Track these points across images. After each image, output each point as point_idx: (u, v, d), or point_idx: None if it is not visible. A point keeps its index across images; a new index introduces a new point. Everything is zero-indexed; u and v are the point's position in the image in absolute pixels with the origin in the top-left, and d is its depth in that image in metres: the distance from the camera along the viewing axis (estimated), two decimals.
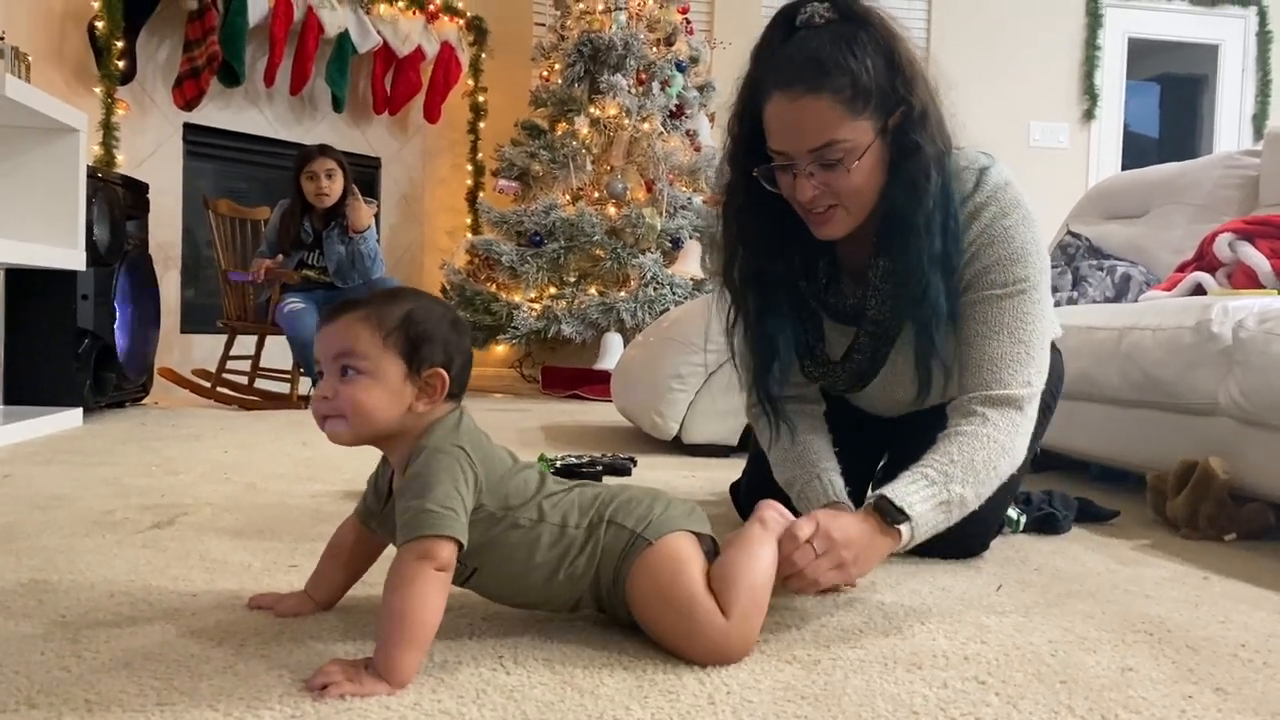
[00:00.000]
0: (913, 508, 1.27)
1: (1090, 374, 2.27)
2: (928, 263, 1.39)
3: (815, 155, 1.34)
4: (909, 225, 1.38)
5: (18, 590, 1.30)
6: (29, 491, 2.04)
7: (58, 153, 3.23)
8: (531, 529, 1.10)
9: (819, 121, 1.32)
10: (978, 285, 1.44)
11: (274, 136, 5.23)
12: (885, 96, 1.34)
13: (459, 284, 5.28)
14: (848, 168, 1.35)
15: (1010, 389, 1.39)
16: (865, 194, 1.39)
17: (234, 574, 1.42)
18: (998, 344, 1.41)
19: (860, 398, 1.69)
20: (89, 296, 3.46)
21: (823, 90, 1.31)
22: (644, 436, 3.17)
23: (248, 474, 2.35)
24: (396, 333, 1.07)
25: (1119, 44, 6.82)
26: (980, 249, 1.43)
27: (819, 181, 1.36)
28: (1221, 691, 1.04)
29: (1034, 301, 1.43)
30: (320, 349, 1.09)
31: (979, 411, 1.38)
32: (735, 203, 1.50)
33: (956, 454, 1.33)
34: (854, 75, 1.31)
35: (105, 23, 4.29)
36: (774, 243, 1.50)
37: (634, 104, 5.30)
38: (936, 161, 1.38)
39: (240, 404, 4.17)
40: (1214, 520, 1.85)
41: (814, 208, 1.40)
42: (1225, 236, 2.54)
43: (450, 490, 1.03)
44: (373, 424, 1.07)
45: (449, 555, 1.01)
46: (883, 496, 1.28)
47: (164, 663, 1.03)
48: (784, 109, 1.34)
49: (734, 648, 1.08)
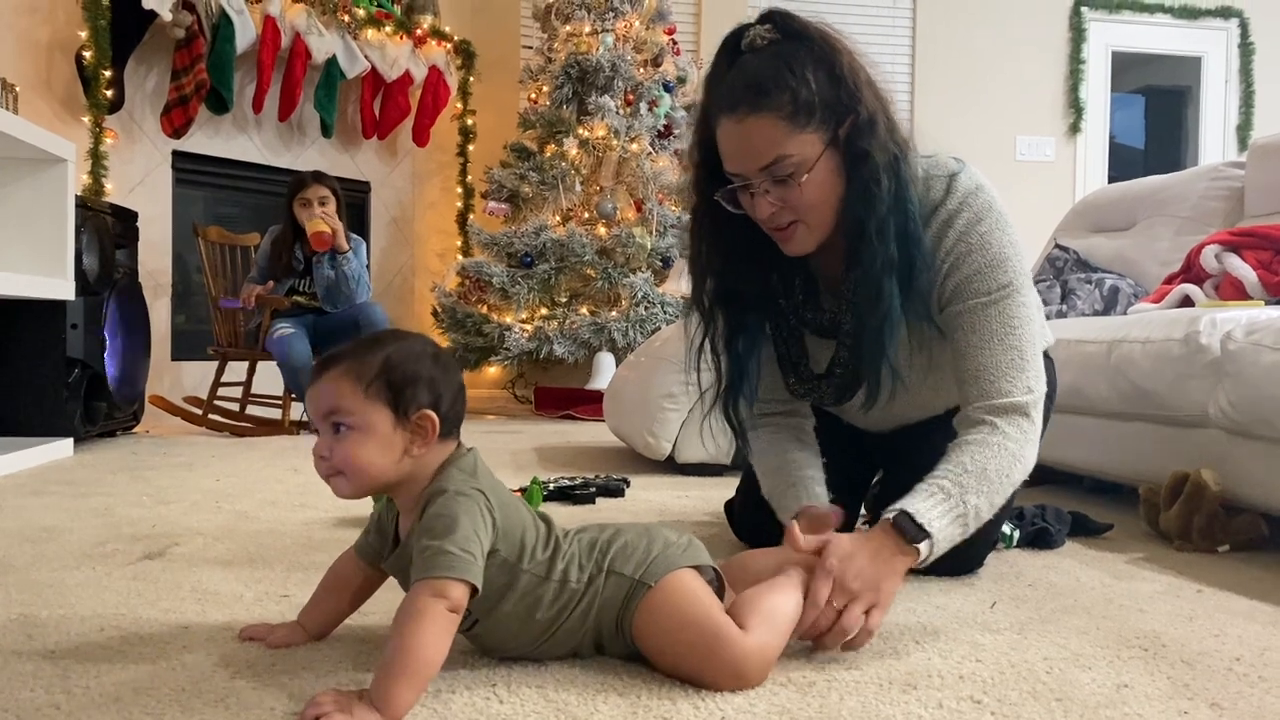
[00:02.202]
0: (932, 524, 1.27)
1: (1080, 387, 2.27)
2: (881, 268, 1.39)
3: (767, 173, 1.37)
4: (862, 232, 1.39)
5: (7, 625, 1.29)
6: (19, 523, 2.02)
7: (46, 183, 3.23)
8: (539, 584, 1.10)
9: (764, 140, 1.35)
10: (961, 296, 1.44)
11: (263, 163, 5.23)
12: (830, 108, 1.36)
13: (450, 306, 5.28)
14: (798, 182, 1.37)
15: (1012, 397, 1.40)
16: (822, 207, 1.40)
17: (226, 605, 1.41)
18: (989, 353, 1.42)
19: (851, 413, 1.69)
20: (79, 326, 3.45)
21: (763, 109, 1.34)
22: (637, 457, 3.16)
23: (240, 502, 2.34)
24: (377, 382, 1.07)
25: (1103, 57, 6.88)
26: (959, 259, 1.44)
27: (775, 198, 1.39)
28: (1217, 706, 1.04)
29: (1019, 305, 1.44)
30: (310, 408, 1.10)
31: (987, 420, 1.39)
32: (701, 227, 1.53)
33: (970, 463, 1.34)
34: (794, 91, 1.33)
35: (93, 52, 4.29)
36: (741, 264, 1.52)
37: (622, 124, 5.32)
38: (888, 167, 1.38)
39: (232, 431, 4.15)
40: (1207, 532, 1.85)
41: (775, 225, 1.42)
42: (1212, 248, 2.55)
43: (470, 534, 1.02)
44: (369, 478, 1.08)
45: (462, 597, 1.01)
46: (904, 513, 1.27)
47: (155, 697, 1.02)
48: (731, 132, 1.38)
49: (752, 664, 1.07)
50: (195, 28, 4.55)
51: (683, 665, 1.08)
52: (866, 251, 1.39)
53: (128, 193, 4.52)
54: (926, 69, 6.63)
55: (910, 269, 1.41)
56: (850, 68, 1.38)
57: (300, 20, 5.06)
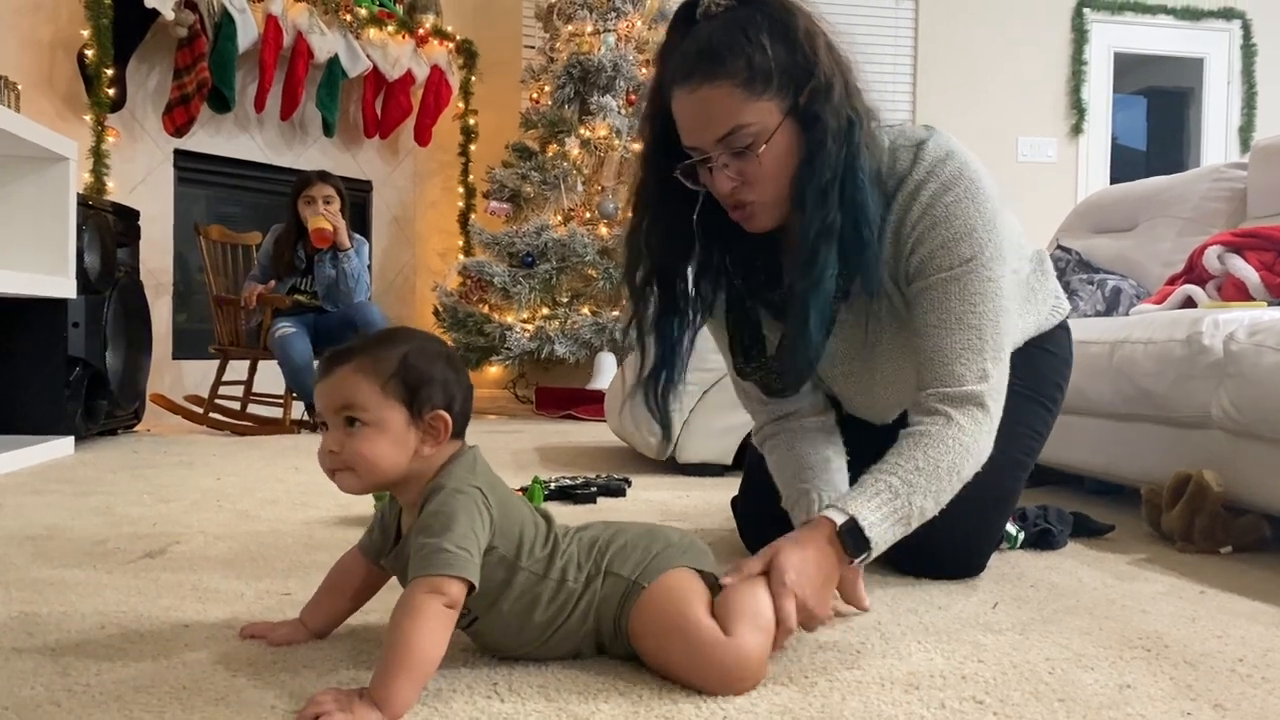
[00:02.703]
0: (874, 534, 1.24)
1: (1083, 388, 2.27)
2: (817, 234, 1.32)
3: (724, 144, 1.31)
4: (802, 198, 1.33)
5: (7, 622, 1.29)
6: (20, 522, 2.02)
7: (48, 181, 3.23)
8: (538, 582, 1.10)
9: (720, 109, 1.30)
10: (924, 272, 1.38)
11: (265, 162, 5.23)
12: (788, 75, 1.30)
13: (451, 306, 5.28)
14: (757, 153, 1.31)
15: (966, 384, 1.34)
16: (781, 180, 1.34)
17: (226, 603, 1.41)
18: (946, 334, 1.36)
19: (846, 404, 1.66)
20: (80, 324, 3.44)
21: (718, 77, 1.29)
22: (638, 456, 3.16)
23: (240, 501, 2.34)
24: (394, 380, 1.07)
25: (1105, 58, 6.87)
26: (924, 233, 1.38)
27: (734, 172, 1.33)
28: (1220, 708, 1.04)
29: (983, 280, 1.36)
30: (321, 402, 1.09)
31: (941, 410, 1.34)
32: (644, 202, 1.46)
33: (922, 460, 1.30)
34: (749, 57, 1.28)
35: (95, 51, 4.29)
36: (684, 242, 1.45)
37: (624, 124, 5.32)
38: (839, 133, 1.32)
39: (233, 430, 4.15)
40: (1209, 533, 1.85)
41: (734, 201, 1.36)
42: (1215, 249, 2.55)
43: (467, 531, 1.02)
44: (380, 474, 1.08)
45: (459, 594, 1.00)
46: (851, 525, 1.23)
47: (155, 694, 1.02)
48: (686, 103, 1.32)
49: (745, 668, 1.06)
50: (197, 26, 4.54)
51: (676, 671, 1.08)
52: (805, 216, 1.33)
53: (129, 191, 4.52)
54: (928, 69, 6.62)
55: (858, 240, 1.34)
56: (808, 32, 1.32)
57: (302, 19, 5.06)
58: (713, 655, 1.05)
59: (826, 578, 1.22)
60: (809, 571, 1.18)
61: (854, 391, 1.59)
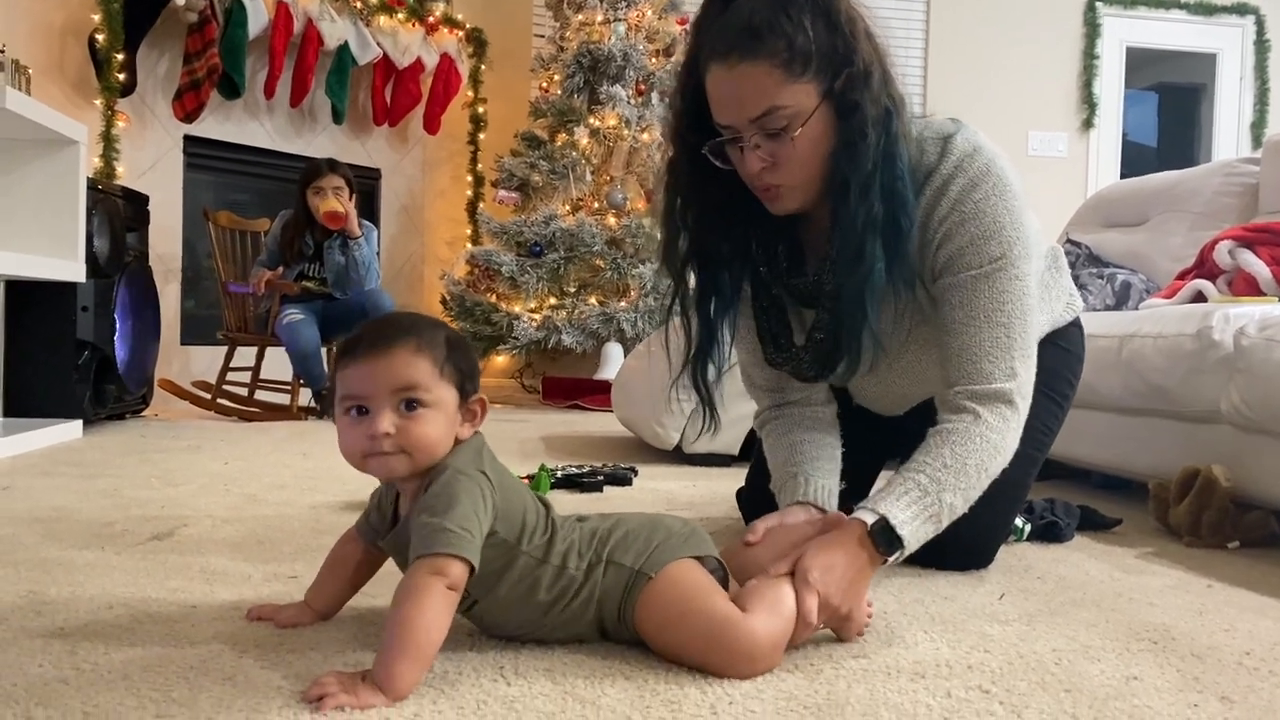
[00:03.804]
0: (905, 532, 1.24)
1: (1091, 382, 2.26)
2: (864, 228, 1.31)
3: (758, 125, 1.30)
4: (844, 187, 1.32)
5: (16, 602, 1.29)
6: (28, 503, 2.03)
7: (58, 165, 3.23)
8: (537, 566, 1.10)
9: (757, 88, 1.28)
10: (952, 268, 1.38)
11: (274, 149, 5.23)
12: (827, 58, 1.29)
13: (459, 295, 5.28)
14: (792, 135, 1.30)
15: (994, 382, 1.35)
16: (811, 164, 1.33)
17: (233, 585, 1.41)
18: (975, 331, 1.36)
19: (857, 395, 1.67)
20: (89, 308, 3.46)
21: (758, 56, 1.27)
22: (645, 446, 3.16)
23: (248, 485, 2.34)
24: (448, 363, 1.07)
25: (1117, 53, 6.84)
26: (952, 229, 1.37)
27: (765, 153, 1.32)
28: (1227, 700, 1.03)
29: (1011, 278, 1.36)
30: (370, 383, 1.05)
31: (969, 408, 1.34)
32: (678, 180, 1.44)
33: (949, 457, 1.30)
34: (790, 38, 1.26)
35: (105, 36, 4.30)
36: (719, 221, 1.44)
37: (633, 114, 5.31)
38: (878, 121, 1.31)
39: (240, 415, 4.16)
40: (1217, 528, 1.84)
41: (762, 182, 1.35)
42: (1226, 244, 2.54)
43: (469, 512, 1.02)
44: (434, 457, 1.07)
45: (460, 575, 1.00)
46: (882, 523, 1.24)
47: (163, 674, 1.02)
48: (722, 79, 1.30)
49: (760, 647, 1.06)
50: (208, 12, 4.55)
51: (689, 654, 1.07)
52: (849, 208, 1.32)
53: (139, 176, 4.53)
54: (940, 63, 6.60)
55: (897, 231, 1.33)
56: (849, 16, 1.30)
57: (313, 6, 5.06)
58: (723, 633, 1.06)
59: (855, 579, 1.20)
60: (836, 571, 1.17)
61: (870, 382, 1.59)
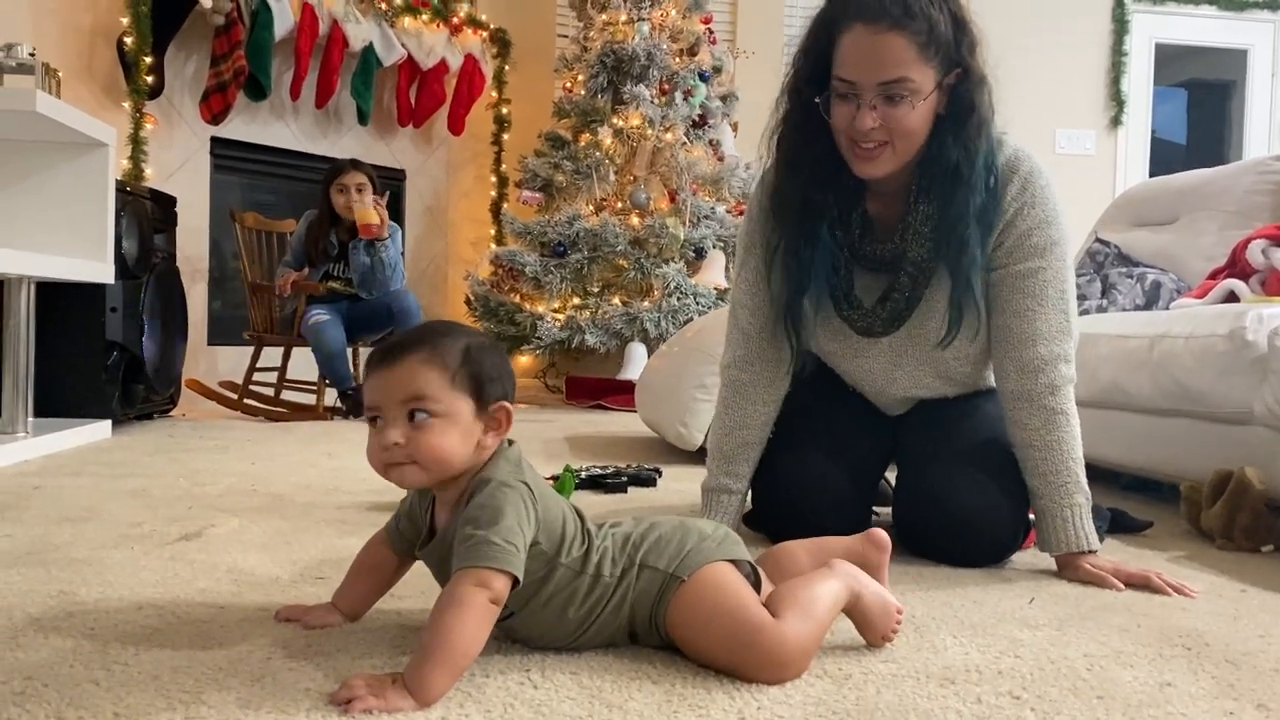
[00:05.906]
0: (1092, 539, 1.55)
1: (1122, 383, 2.24)
2: (972, 214, 1.50)
3: (883, 89, 1.45)
4: (959, 178, 1.50)
5: (47, 602, 1.31)
6: (58, 503, 2.05)
7: (87, 167, 3.26)
8: (574, 578, 1.09)
9: (895, 57, 1.44)
10: (1019, 252, 1.55)
11: (300, 150, 5.27)
12: (949, 52, 1.47)
13: (483, 295, 5.29)
14: (912, 105, 1.46)
15: (1058, 368, 1.55)
16: (916, 137, 1.50)
17: (261, 586, 1.42)
18: (1045, 317, 1.55)
19: (871, 388, 1.73)
20: (118, 309, 3.49)
21: (905, 28, 1.43)
22: (669, 447, 3.15)
23: (275, 485, 2.35)
24: (462, 371, 1.06)
25: (1146, 49, 6.76)
26: (1021, 209, 1.55)
27: (879, 115, 1.46)
28: (1264, 708, 1.02)
29: (1065, 265, 1.57)
30: (381, 395, 1.06)
31: (1054, 408, 1.54)
32: (793, 131, 1.58)
33: (1072, 455, 1.54)
34: (932, 23, 1.44)
35: (134, 38, 4.33)
36: (822, 173, 1.57)
37: (657, 114, 5.30)
38: (987, 125, 1.51)
39: (267, 415, 4.19)
40: (1250, 531, 1.82)
41: (868, 140, 1.48)
42: (1259, 243, 2.50)
43: (514, 525, 1.02)
44: (449, 467, 1.06)
45: (504, 589, 1.00)
46: (1090, 551, 1.54)
47: (192, 675, 1.03)
48: (864, 39, 1.45)
49: (791, 654, 1.05)
50: (234, 15, 4.58)
51: (719, 657, 1.07)
52: (960, 196, 1.50)
53: (166, 178, 4.56)
54: None
55: (988, 225, 1.53)
56: (973, 23, 1.51)
57: (338, 7, 5.09)
58: (753, 638, 1.05)
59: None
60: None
61: (882, 365, 1.68)
